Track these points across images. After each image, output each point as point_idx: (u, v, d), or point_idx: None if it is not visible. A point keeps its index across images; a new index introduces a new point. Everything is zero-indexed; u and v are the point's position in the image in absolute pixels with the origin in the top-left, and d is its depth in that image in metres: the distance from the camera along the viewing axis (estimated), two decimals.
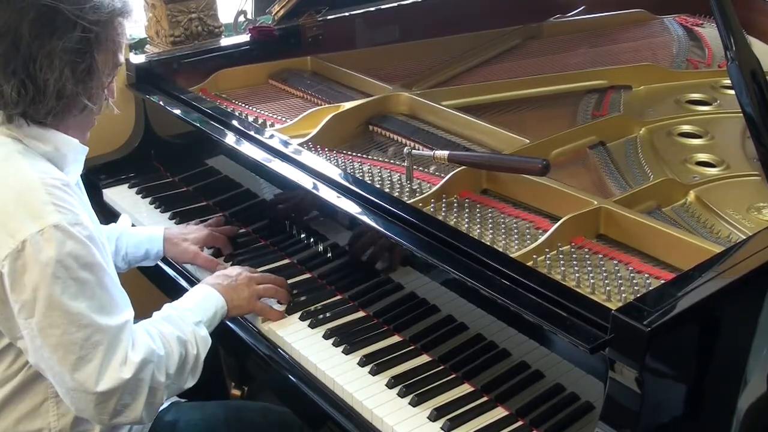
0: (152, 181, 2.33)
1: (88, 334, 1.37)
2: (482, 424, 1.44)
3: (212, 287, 1.69)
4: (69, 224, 1.37)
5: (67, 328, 1.36)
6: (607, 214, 1.66)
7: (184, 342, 1.54)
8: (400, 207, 1.67)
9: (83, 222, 1.40)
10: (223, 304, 1.67)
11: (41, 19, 1.39)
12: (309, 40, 2.61)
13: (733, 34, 1.61)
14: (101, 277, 1.41)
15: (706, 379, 1.39)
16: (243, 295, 1.70)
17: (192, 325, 1.58)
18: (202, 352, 1.57)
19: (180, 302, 1.65)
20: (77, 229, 1.38)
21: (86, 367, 1.38)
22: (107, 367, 1.39)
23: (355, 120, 2.19)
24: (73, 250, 1.36)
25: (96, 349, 1.38)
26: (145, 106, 2.37)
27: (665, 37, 2.73)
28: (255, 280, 1.74)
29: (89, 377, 1.38)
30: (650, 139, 2.05)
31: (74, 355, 1.37)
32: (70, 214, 1.39)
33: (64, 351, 1.37)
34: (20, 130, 1.46)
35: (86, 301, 1.38)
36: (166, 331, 1.53)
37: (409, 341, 1.64)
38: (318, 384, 1.59)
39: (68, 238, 1.36)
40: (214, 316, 1.64)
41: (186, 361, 1.53)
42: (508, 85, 2.35)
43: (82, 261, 1.38)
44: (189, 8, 2.61)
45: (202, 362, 1.57)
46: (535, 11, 2.86)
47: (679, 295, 1.29)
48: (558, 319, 1.34)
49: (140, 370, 1.42)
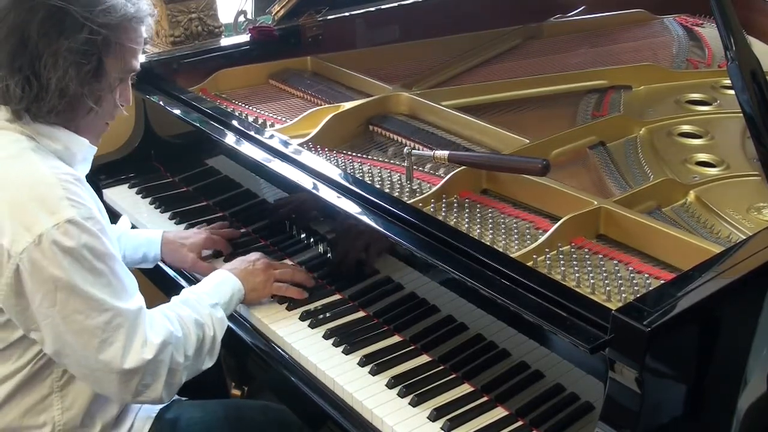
0: (152, 181, 2.33)
1: (109, 317, 1.43)
2: (482, 424, 1.44)
3: (230, 272, 1.74)
4: (83, 218, 1.42)
5: (89, 313, 1.42)
6: (607, 214, 1.66)
7: (201, 324, 1.59)
8: (400, 207, 1.67)
9: (95, 216, 1.45)
10: (240, 287, 1.72)
11: (50, 18, 1.42)
12: (309, 40, 2.61)
13: (733, 34, 1.61)
14: (113, 266, 1.46)
15: (706, 379, 1.39)
16: (259, 278, 1.75)
17: (208, 307, 1.63)
18: (219, 333, 1.62)
19: (198, 286, 1.71)
20: (90, 222, 1.43)
21: (110, 348, 1.44)
22: (130, 348, 1.45)
23: (355, 120, 2.19)
24: (88, 242, 1.41)
25: (118, 332, 1.44)
26: (145, 106, 2.37)
27: (665, 37, 2.73)
28: (273, 266, 1.79)
29: (114, 358, 1.44)
30: (650, 139, 2.05)
31: (97, 338, 1.43)
32: (84, 208, 1.44)
33: (88, 335, 1.43)
34: (32, 127, 1.50)
35: (104, 288, 1.43)
36: (184, 313, 1.59)
37: (409, 341, 1.64)
38: (318, 384, 1.59)
39: (83, 231, 1.41)
40: (230, 299, 1.70)
41: (204, 343, 1.59)
42: (508, 85, 2.35)
43: (97, 252, 1.43)
44: (189, 8, 2.61)
45: (219, 343, 1.63)
46: (535, 11, 2.86)
47: (679, 295, 1.29)
48: (558, 319, 1.34)
49: (160, 352, 1.48)
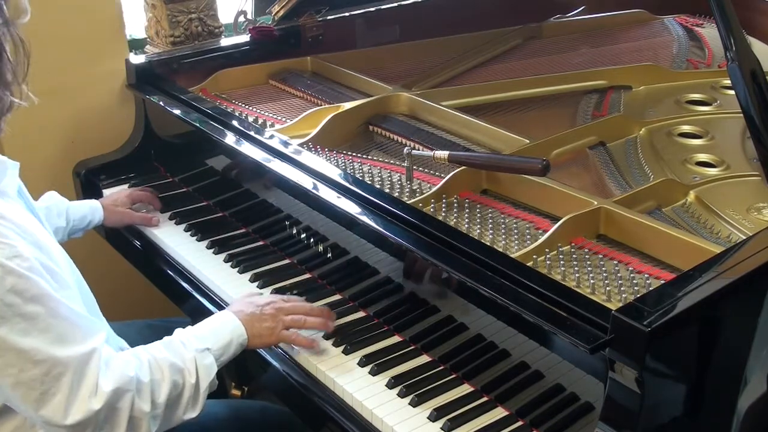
0: (152, 181, 2.33)
1: (46, 368, 1.30)
2: (482, 424, 1.44)
3: (234, 314, 1.59)
4: (6, 258, 1.27)
5: (23, 365, 1.29)
6: (607, 215, 1.66)
7: (179, 370, 1.45)
8: (400, 207, 1.67)
9: (22, 253, 1.30)
10: (241, 332, 1.56)
11: None
12: (309, 40, 2.60)
13: (733, 34, 1.61)
14: (53, 306, 1.32)
15: (706, 379, 1.39)
16: (266, 324, 1.59)
17: (194, 352, 1.48)
18: (204, 381, 1.47)
19: (192, 327, 1.56)
20: (16, 262, 1.28)
21: (51, 401, 1.31)
22: (74, 398, 1.32)
23: (355, 120, 2.19)
24: (15, 285, 1.27)
25: (59, 382, 1.31)
26: (145, 106, 2.37)
27: (665, 37, 2.73)
28: (284, 311, 1.63)
29: (56, 412, 1.31)
30: (650, 139, 2.05)
31: (36, 391, 1.30)
32: (6, 247, 1.28)
33: (25, 389, 1.30)
34: None
35: (39, 335, 1.30)
36: (160, 356, 1.44)
37: (410, 341, 1.64)
38: (318, 384, 1.59)
39: (7, 273, 1.27)
40: (228, 344, 1.54)
41: (183, 390, 1.44)
42: (508, 85, 2.35)
43: (27, 295, 1.29)
44: (189, 8, 2.61)
45: (205, 392, 1.48)
46: (535, 11, 2.86)
47: (679, 295, 1.29)
48: (558, 319, 1.34)
49: (115, 400, 1.35)
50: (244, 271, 1.90)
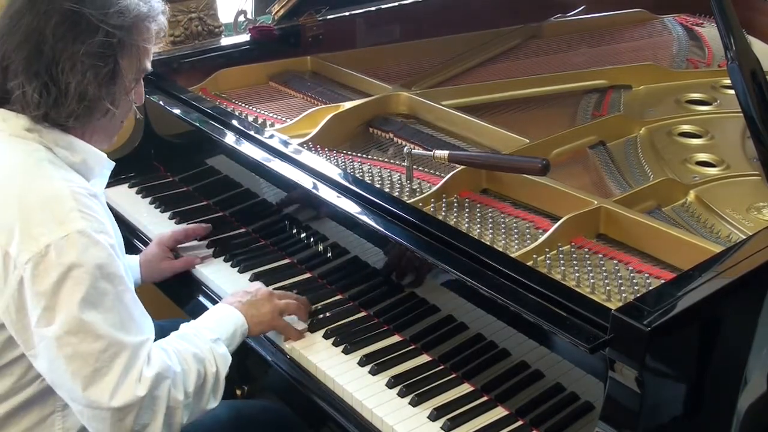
0: (152, 180, 2.33)
1: (105, 345, 1.34)
2: (482, 423, 1.44)
3: (231, 305, 1.64)
4: (94, 231, 1.36)
5: (84, 336, 1.33)
6: (607, 214, 1.66)
7: (201, 359, 1.48)
8: (400, 207, 1.67)
9: (108, 231, 1.39)
10: (242, 321, 1.61)
11: (65, 23, 1.40)
12: (309, 40, 2.60)
13: (733, 34, 1.61)
14: (121, 291, 1.38)
15: (706, 379, 1.39)
16: (264, 310, 1.65)
17: (209, 342, 1.52)
18: (222, 369, 1.51)
19: (197, 321, 1.61)
20: (102, 237, 1.37)
21: (101, 380, 1.34)
22: (123, 382, 1.35)
23: (355, 120, 2.19)
24: (97, 258, 1.34)
25: (113, 362, 1.34)
26: (145, 105, 2.36)
27: (665, 36, 2.73)
28: (275, 296, 1.69)
29: (103, 392, 1.34)
30: (650, 138, 2.05)
31: (90, 367, 1.33)
32: (96, 222, 1.37)
33: (80, 362, 1.33)
34: (51, 138, 1.45)
35: (104, 312, 1.35)
36: (182, 347, 1.48)
37: (409, 341, 1.64)
38: (318, 384, 1.59)
39: (92, 244, 1.34)
40: (233, 334, 1.59)
41: (206, 380, 1.48)
42: (508, 84, 2.35)
43: (105, 270, 1.35)
44: (189, 8, 2.61)
45: (224, 381, 1.52)
46: (535, 11, 2.86)
47: (679, 295, 1.29)
48: (558, 319, 1.34)
49: (155, 386, 1.38)
50: (244, 270, 1.90)
